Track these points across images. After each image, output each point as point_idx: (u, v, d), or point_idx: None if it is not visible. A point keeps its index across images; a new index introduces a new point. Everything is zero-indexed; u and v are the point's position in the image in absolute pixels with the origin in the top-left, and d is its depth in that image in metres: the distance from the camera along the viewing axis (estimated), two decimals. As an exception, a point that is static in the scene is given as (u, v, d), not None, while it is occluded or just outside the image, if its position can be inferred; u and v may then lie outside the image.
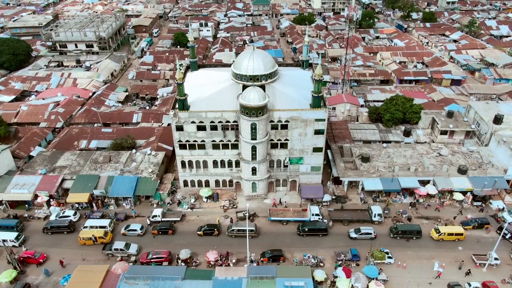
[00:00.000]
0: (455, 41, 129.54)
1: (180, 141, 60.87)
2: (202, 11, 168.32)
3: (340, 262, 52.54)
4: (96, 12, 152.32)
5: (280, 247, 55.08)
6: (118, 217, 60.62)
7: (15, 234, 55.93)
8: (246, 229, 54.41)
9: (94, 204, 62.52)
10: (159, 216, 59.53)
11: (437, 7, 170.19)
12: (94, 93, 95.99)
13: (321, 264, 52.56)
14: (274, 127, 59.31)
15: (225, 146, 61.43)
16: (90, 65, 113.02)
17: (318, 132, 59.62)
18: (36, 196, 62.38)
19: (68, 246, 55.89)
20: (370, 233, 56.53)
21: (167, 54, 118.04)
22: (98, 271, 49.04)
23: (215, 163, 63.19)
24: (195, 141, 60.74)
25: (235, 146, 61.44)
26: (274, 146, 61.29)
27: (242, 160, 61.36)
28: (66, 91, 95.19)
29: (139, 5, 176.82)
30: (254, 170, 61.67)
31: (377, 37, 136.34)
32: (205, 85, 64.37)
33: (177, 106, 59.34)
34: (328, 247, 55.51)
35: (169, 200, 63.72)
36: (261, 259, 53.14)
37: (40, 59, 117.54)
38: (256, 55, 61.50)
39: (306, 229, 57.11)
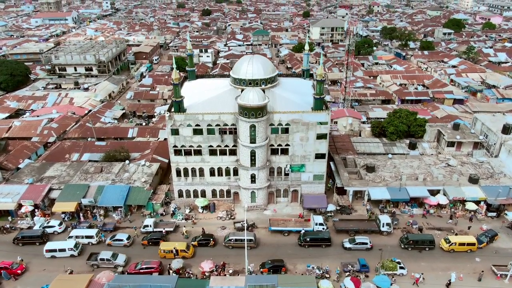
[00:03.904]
0: (454, 66, 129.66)
1: (175, 146, 57.77)
2: (203, 41, 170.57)
3: (348, 273, 47.89)
4: (97, 42, 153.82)
5: (281, 258, 50.48)
6: (107, 228, 56.31)
7: (73, 242, 51.48)
8: (244, 239, 50.00)
9: (81, 214, 58.38)
10: (150, 226, 55.30)
11: (434, 38, 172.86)
12: (90, 111, 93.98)
13: (327, 276, 47.81)
14: (274, 131, 56.46)
15: (223, 152, 58.25)
16: (88, 87, 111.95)
17: (320, 136, 56.70)
18: (20, 206, 58.37)
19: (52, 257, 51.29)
20: (366, 243, 52.22)
21: (166, 77, 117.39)
22: (80, 280, 44.37)
23: (212, 171, 59.72)
24: (191, 146, 57.66)
25: (233, 152, 58.26)
26: (274, 152, 58.14)
27: (240, 166, 58.00)
28: (61, 109, 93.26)
29: (141, 37, 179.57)
30: (253, 178, 58.11)
31: (376, 63, 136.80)
32: (202, 91, 62.40)
33: (173, 109, 57.03)
34: (333, 258, 50.89)
35: (162, 210, 59.62)
36: (261, 270, 48.42)
37: (38, 81, 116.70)
38: (256, 60, 60.12)
39: (308, 239, 52.72)
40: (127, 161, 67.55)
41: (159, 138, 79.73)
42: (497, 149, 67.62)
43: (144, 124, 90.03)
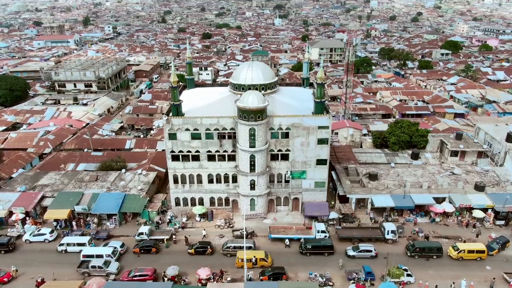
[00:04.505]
0: (453, 84, 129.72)
1: (172, 151, 56.37)
2: (203, 62, 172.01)
3: (353, 281, 45.46)
4: (98, 61, 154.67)
5: (282, 266, 48.11)
6: (100, 236, 54.04)
7: (111, 248, 49.35)
8: (243, 246, 47.70)
9: (74, 223, 56.19)
10: (145, 233, 53.07)
11: (432, 58, 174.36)
12: (88, 124, 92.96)
13: (330, 283, 45.36)
14: (274, 136, 55.16)
15: (221, 158, 56.73)
16: (87, 102, 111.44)
17: (321, 141, 55.34)
18: (11, 214, 56.30)
19: (41, 265, 48.86)
20: (371, 251, 50.02)
21: (165, 93, 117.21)
22: (68, 287, 41.91)
23: (210, 177, 58.00)
24: (189, 151, 56.24)
25: (232, 158, 56.72)
26: (274, 157, 56.61)
27: (239, 172, 56.34)
28: (58, 122, 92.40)
29: (141, 57, 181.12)
30: (252, 184, 56.33)
31: (375, 81, 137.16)
32: (201, 98, 61.60)
33: (171, 114, 56.04)
34: (336, 266, 48.38)
35: (158, 219, 57.41)
36: (260, 277, 45.95)
37: (37, 97, 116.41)
38: (255, 66, 59.89)
39: (309, 247, 50.43)
40: (123, 170, 65.91)
41: (157, 149, 78.36)
42: (502, 157, 66.16)
43: (142, 136, 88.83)
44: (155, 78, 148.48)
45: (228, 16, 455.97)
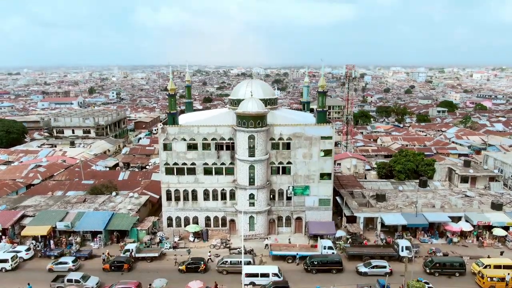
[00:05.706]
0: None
1: (167, 164, 53.11)
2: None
3: (366, 296, 39.59)
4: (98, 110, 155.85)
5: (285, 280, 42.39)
6: (81, 254, 48.48)
7: (275, 267, 43.64)
8: (241, 261, 42.39)
9: (52, 241, 50.73)
10: (132, 250, 47.64)
11: (428, 115, 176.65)
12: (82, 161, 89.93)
13: (341, 298, 39.44)
14: (275, 146, 52.37)
15: (219, 171, 53.24)
16: (84, 146, 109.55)
17: (325, 152, 52.45)
18: (-15, 232, 51.29)
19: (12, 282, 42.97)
20: (385, 266, 44.63)
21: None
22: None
23: (206, 194, 53.91)
24: (184, 164, 52.97)
25: (230, 172, 53.21)
26: (274, 171, 53.18)
27: (238, 187, 52.45)
28: (52, 158, 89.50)
29: (142, 115, 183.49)
30: (252, 199, 52.08)
31: (375, 132, 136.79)
32: (199, 117, 60.07)
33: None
34: (346, 284, 42.68)
35: (147, 239, 52.03)
36: (261, 292, 40.11)
37: (33, 141, 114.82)
38: (255, 82, 59.66)
39: (316, 263, 44.92)
40: (113, 193, 61.82)
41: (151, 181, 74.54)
42: (516, 181, 62.70)
43: (136, 170, 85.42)
44: (155, 130, 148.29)
45: (228, 89, 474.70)
